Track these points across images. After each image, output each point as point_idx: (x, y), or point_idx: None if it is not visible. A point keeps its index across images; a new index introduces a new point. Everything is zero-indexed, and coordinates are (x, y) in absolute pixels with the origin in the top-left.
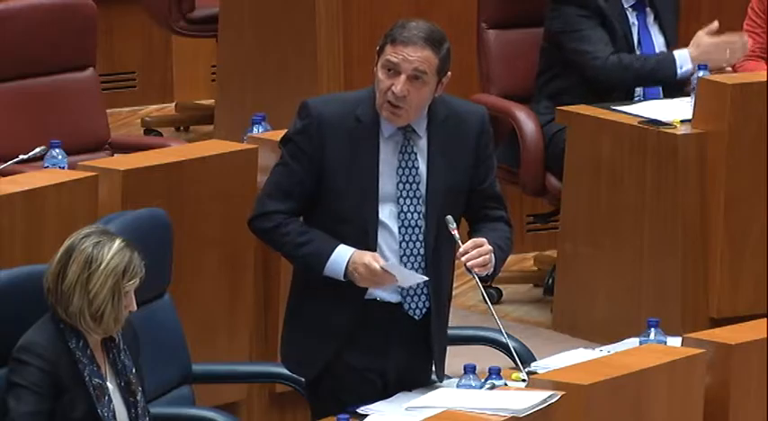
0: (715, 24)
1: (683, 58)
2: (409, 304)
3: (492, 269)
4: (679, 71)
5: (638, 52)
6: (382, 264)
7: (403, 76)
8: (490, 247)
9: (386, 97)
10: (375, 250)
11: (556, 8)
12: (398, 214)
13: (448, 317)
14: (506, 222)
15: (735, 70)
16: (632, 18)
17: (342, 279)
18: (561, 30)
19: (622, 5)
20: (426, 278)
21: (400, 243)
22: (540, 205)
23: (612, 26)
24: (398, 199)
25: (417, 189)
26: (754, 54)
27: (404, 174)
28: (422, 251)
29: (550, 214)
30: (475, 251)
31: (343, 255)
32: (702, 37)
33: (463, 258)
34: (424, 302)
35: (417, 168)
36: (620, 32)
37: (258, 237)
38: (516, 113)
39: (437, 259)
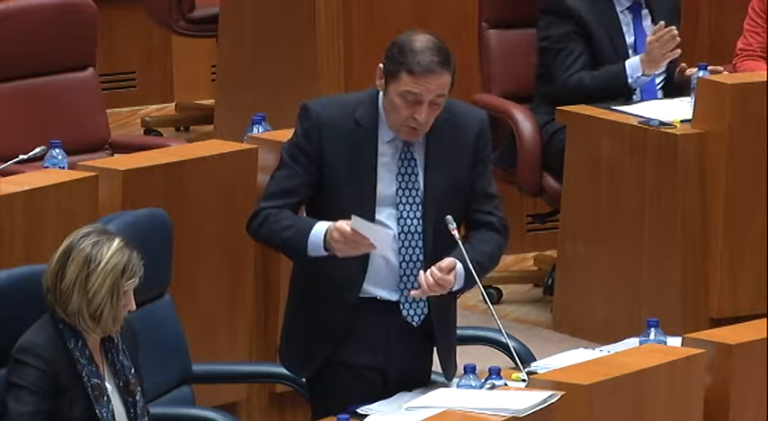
0: (659, 25)
1: (633, 67)
2: (407, 311)
3: (460, 286)
4: (630, 80)
5: (632, 55)
6: (351, 223)
7: (425, 105)
8: (450, 279)
9: (407, 123)
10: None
11: (542, 17)
12: (398, 219)
13: (454, 318)
14: (497, 228)
15: (735, 70)
16: (627, 21)
17: (324, 252)
18: (542, 42)
19: (614, 9)
20: (392, 231)
21: (399, 249)
22: (541, 205)
23: (596, 36)
24: (398, 205)
25: (417, 195)
26: (755, 53)
27: (403, 180)
28: (421, 257)
29: (549, 214)
30: (436, 283)
31: (320, 228)
32: (648, 39)
33: (422, 280)
34: (422, 309)
35: (417, 174)
36: (606, 40)
37: (255, 240)
38: (514, 113)
39: (436, 263)
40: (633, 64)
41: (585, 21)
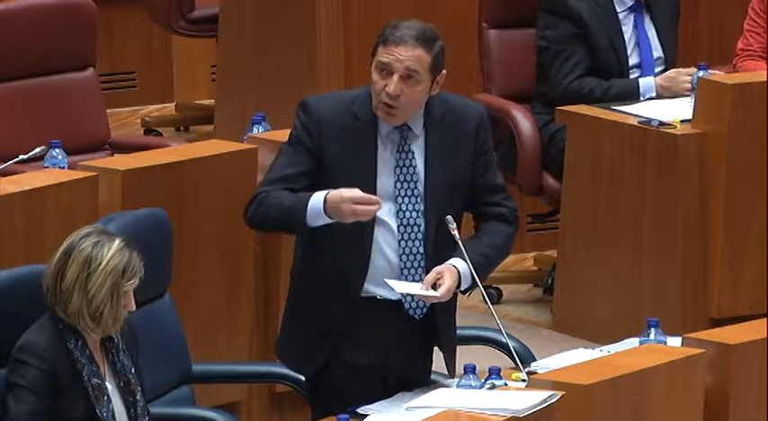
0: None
1: (647, 88)
2: (409, 304)
3: (468, 285)
4: (642, 99)
5: (631, 57)
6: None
7: (396, 76)
8: (445, 289)
9: (380, 98)
10: (371, 248)
11: (542, 17)
12: (397, 213)
13: (455, 313)
14: (506, 219)
15: (735, 70)
16: (628, 22)
17: (326, 218)
18: (541, 41)
19: (615, 10)
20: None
21: (399, 241)
22: (541, 205)
23: (596, 37)
24: (397, 197)
25: (415, 187)
26: (755, 53)
27: (401, 172)
28: (421, 249)
29: (548, 214)
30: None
31: (319, 195)
32: (672, 70)
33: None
34: (424, 303)
35: (415, 167)
36: (606, 41)
37: (252, 225)
38: (513, 113)
39: (437, 257)
40: (647, 85)
41: (586, 22)
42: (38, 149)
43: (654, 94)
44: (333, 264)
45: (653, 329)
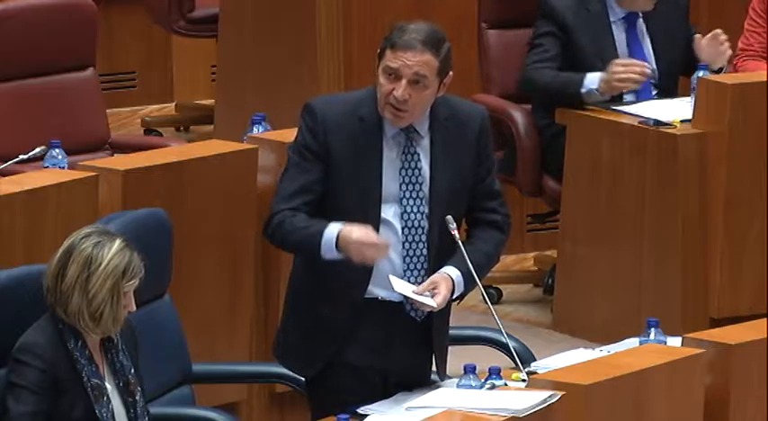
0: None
1: (591, 80)
2: (411, 306)
3: (460, 292)
4: (583, 90)
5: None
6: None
7: (404, 81)
8: (441, 298)
9: (387, 100)
10: None
11: (537, 18)
12: (401, 214)
13: (449, 316)
14: (499, 226)
15: (736, 70)
16: (620, 31)
17: (337, 254)
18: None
19: (607, 18)
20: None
21: (403, 243)
22: (541, 205)
23: (578, 42)
24: (401, 199)
25: (420, 190)
26: (756, 53)
27: (407, 174)
28: (424, 251)
29: (548, 214)
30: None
31: (332, 230)
32: (615, 62)
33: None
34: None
35: (420, 169)
36: (592, 48)
37: (272, 243)
38: (512, 113)
39: (440, 259)
40: (593, 77)
41: (568, 25)
42: (38, 149)
43: (594, 87)
44: (337, 267)
45: (653, 329)
